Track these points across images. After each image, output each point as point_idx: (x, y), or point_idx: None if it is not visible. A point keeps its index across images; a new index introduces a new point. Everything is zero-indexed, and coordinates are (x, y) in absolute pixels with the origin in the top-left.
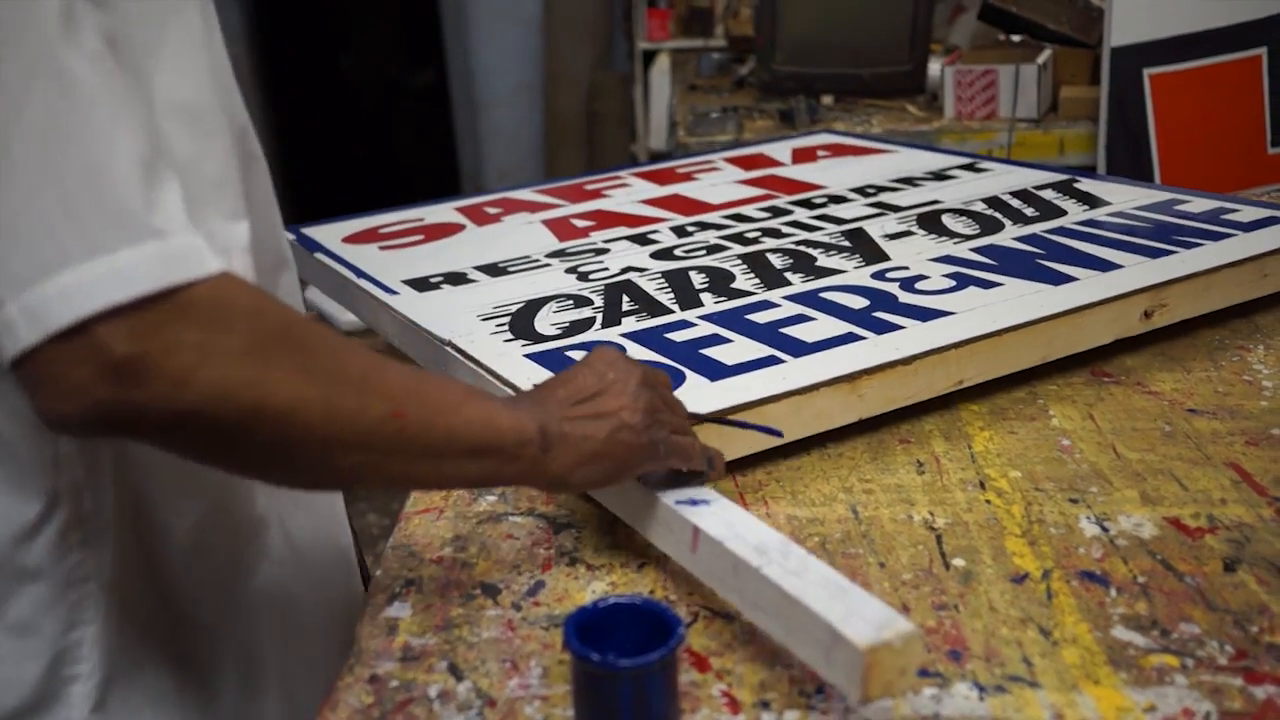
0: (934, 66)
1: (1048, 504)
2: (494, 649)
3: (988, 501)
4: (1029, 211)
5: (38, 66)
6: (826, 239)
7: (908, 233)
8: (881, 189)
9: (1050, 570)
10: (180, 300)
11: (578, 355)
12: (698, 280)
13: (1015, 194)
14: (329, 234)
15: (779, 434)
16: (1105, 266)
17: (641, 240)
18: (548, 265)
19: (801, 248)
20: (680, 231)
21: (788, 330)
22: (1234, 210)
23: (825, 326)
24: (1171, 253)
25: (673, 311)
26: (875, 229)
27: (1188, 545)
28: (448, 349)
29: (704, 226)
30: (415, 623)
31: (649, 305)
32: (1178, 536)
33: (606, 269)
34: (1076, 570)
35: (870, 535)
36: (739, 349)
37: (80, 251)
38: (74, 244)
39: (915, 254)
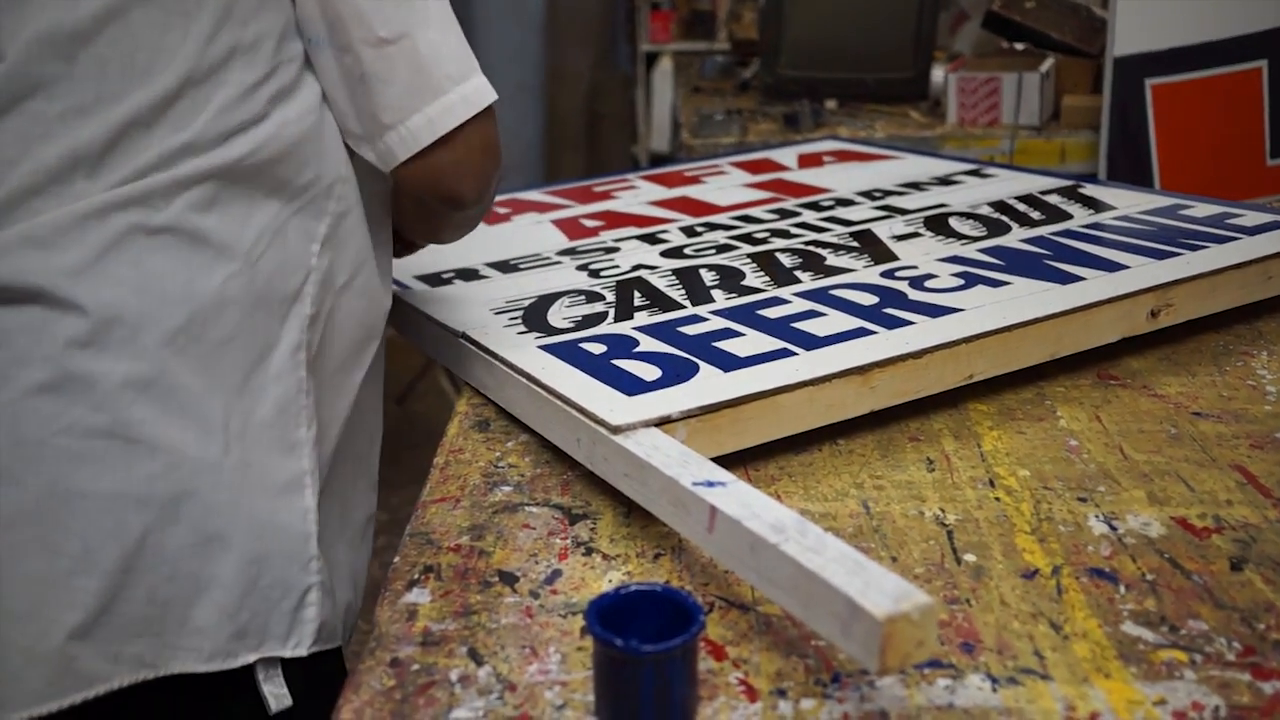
0: (937, 73)
1: (1056, 502)
2: (513, 635)
3: (997, 499)
4: (1035, 215)
5: None
6: (835, 239)
7: (915, 234)
8: (888, 193)
9: (1060, 567)
10: (494, 109)
11: (591, 347)
12: (708, 278)
13: (1020, 198)
14: None
15: None
16: (1112, 267)
17: (651, 240)
18: (559, 263)
19: (810, 248)
20: (689, 231)
21: (799, 325)
22: (1238, 215)
23: (836, 321)
24: (1177, 254)
25: (684, 307)
26: (883, 230)
27: (1195, 545)
28: (461, 340)
29: (713, 227)
30: (434, 609)
31: (660, 301)
32: (1185, 536)
33: (617, 266)
34: (1086, 567)
35: (882, 530)
36: (751, 342)
37: (473, 68)
38: (471, 61)
39: (923, 254)
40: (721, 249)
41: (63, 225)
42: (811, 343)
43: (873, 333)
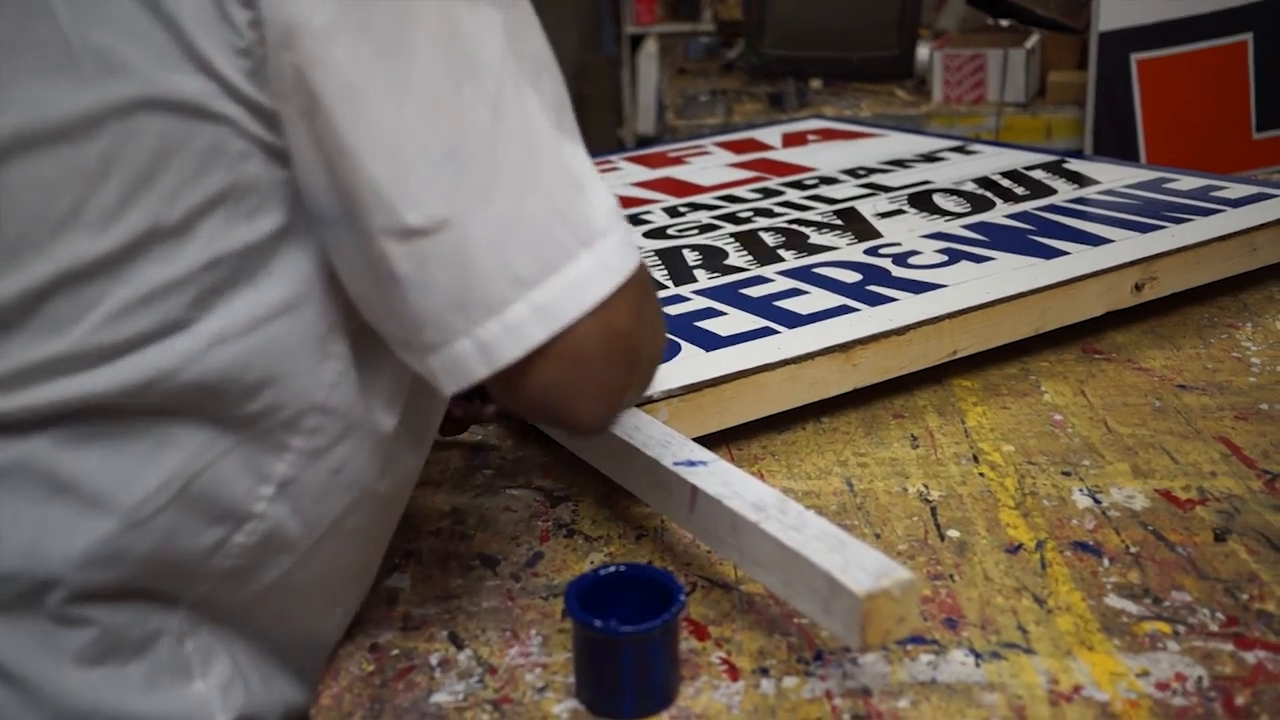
0: (922, 51)
1: (1040, 477)
2: (494, 618)
3: (981, 474)
4: (1019, 190)
5: (503, 72)
6: (818, 218)
7: (899, 211)
8: (872, 170)
9: (1044, 541)
10: (637, 279)
11: None
12: (691, 257)
13: (1005, 174)
14: None
15: None
16: (1096, 241)
17: (634, 220)
18: None
19: (794, 226)
20: (672, 212)
21: (781, 303)
22: (1222, 188)
23: (819, 299)
24: (1161, 228)
25: (666, 287)
26: (867, 208)
27: (1178, 516)
28: None
29: (696, 207)
30: (415, 593)
31: None
32: (1169, 508)
33: None
34: (1070, 541)
35: (865, 507)
36: (733, 321)
37: (573, 249)
38: (570, 241)
39: (907, 231)
40: (704, 229)
41: None
42: (794, 321)
43: (856, 310)
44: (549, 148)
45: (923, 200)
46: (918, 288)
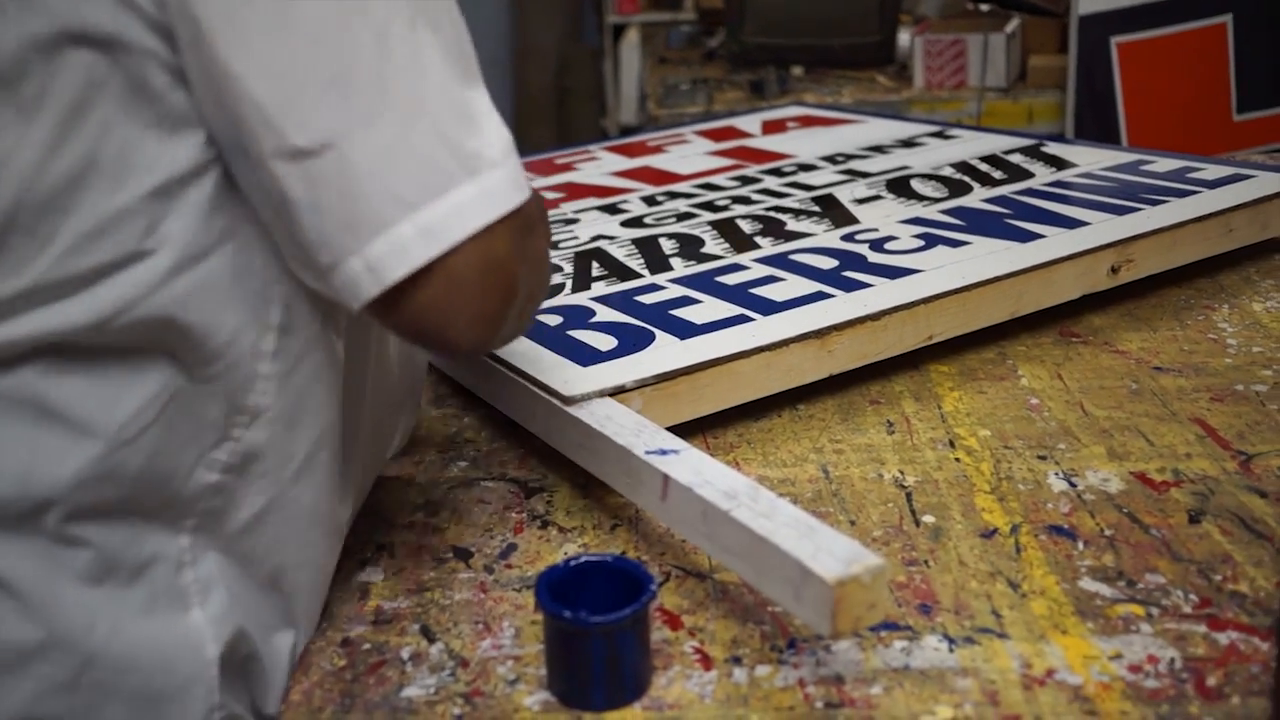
0: (903, 37)
1: (1016, 461)
2: (466, 611)
3: (957, 459)
4: (997, 175)
5: (393, 9)
6: (796, 205)
7: (877, 197)
8: (851, 156)
9: (1019, 525)
10: (522, 215)
11: (546, 319)
12: (667, 246)
13: (983, 159)
14: None
15: None
16: (1072, 224)
17: (611, 210)
18: None
19: (771, 213)
20: (650, 201)
21: (757, 290)
22: (1199, 169)
23: (794, 286)
24: (1137, 210)
25: (642, 276)
26: (845, 194)
27: (1153, 499)
28: None
29: (674, 196)
30: (387, 587)
31: (618, 270)
32: (1144, 490)
33: (576, 237)
34: (1044, 525)
35: (841, 494)
36: (709, 309)
37: (458, 176)
38: (453, 168)
39: (884, 216)
40: (682, 217)
41: None
42: (769, 308)
43: (831, 296)
44: (438, 82)
45: (900, 186)
46: (894, 273)
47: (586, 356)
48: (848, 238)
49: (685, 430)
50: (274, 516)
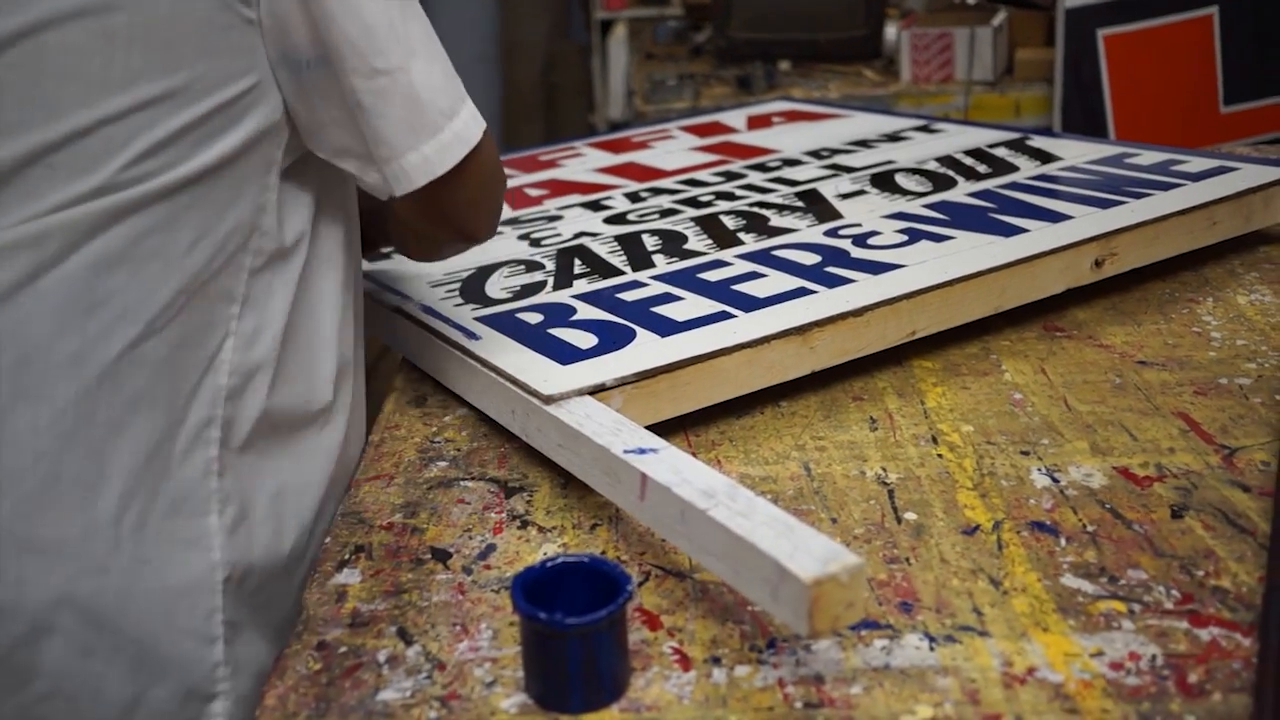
0: (890, 30)
1: (999, 457)
2: (444, 613)
3: (940, 456)
4: (982, 169)
5: None
6: (780, 200)
7: (861, 192)
8: (836, 151)
9: (1001, 521)
10: (487, 130)
11: (527, 317)
12: (650, 242)
13: (968, 152)
14: None
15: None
16: (1056, 218)
17: (595, 206)
18: (500, 233)
19: (755, 209)
20: (634, 197)
21: (739, 287)
22: (1183, 161)
23: (777, 282)
24: (1121, 203)
25: (624, 273)
26: (829, 189)
27: (1136, 494)
28: (396, 315)
29: (658, 192)
30: (364, 589)
31: (601, 267)
32: (1127, 486)
33: (559, 234)
34: (1027, 521)
35: (823, 492)
36: (690, 306)
37: (462, 99)
38: (459, 91)
39: (868, 211)
40: (665, 213)
41: None
42: (751, 304)
43: (813, 292)
44: (436, 39)
45: (885, 180)
46: (876, 268)
47: (566, 354)
48: (831, 233)
49: (667, 428)
50: (274, 418)
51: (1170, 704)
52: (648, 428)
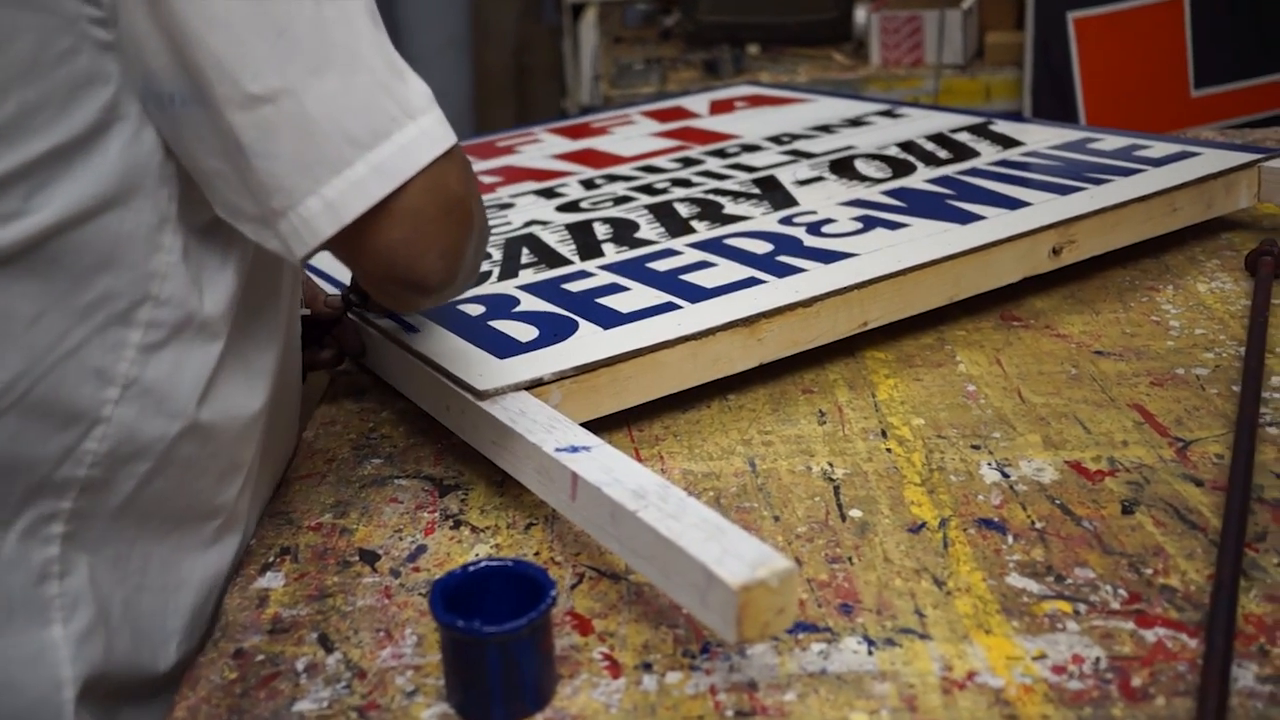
0: (860, 13)
1: (949, 451)
2: (368, 618)
3: (888, 450)
4: (942, 154)
5: None
6: (736, 187)
7: (819, 178)
8: (797, 137)
9: (948, 519)
10: (460, 152)
11: (468, 308)
12: (601, 231)
13: (930, 138)
14: None
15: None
16: (1014, 205)
17: (548, 194)
18: None
19: (710, 196)
20: (589, 184)
21: (687, 277)
22: (1146, 146)
23: (726, 272)
24: (1081, 189)
25: (572, 262)
26: (786, 175)
27: (1087, 489)
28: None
29: (613, 179)
30: (287, 593)
31: (548, 257)
32: (1078, 480)
33: (509, 223)
34: (974, 518)
35: (767, 488)
36: (636, 296)
37: (400, 119)
38: (395, 111)
39: (825, 198)
40: (619, 201)
41: None
42: (698, 295)
43: (763, 282)
44: (369, 35)
45: (843, 166)
46: (828, 257)
47: (505, 348)
48: (785, 220)
49: (610, 423)
50: (152, 498)
51: (1113, 709)
52: (589, 423)
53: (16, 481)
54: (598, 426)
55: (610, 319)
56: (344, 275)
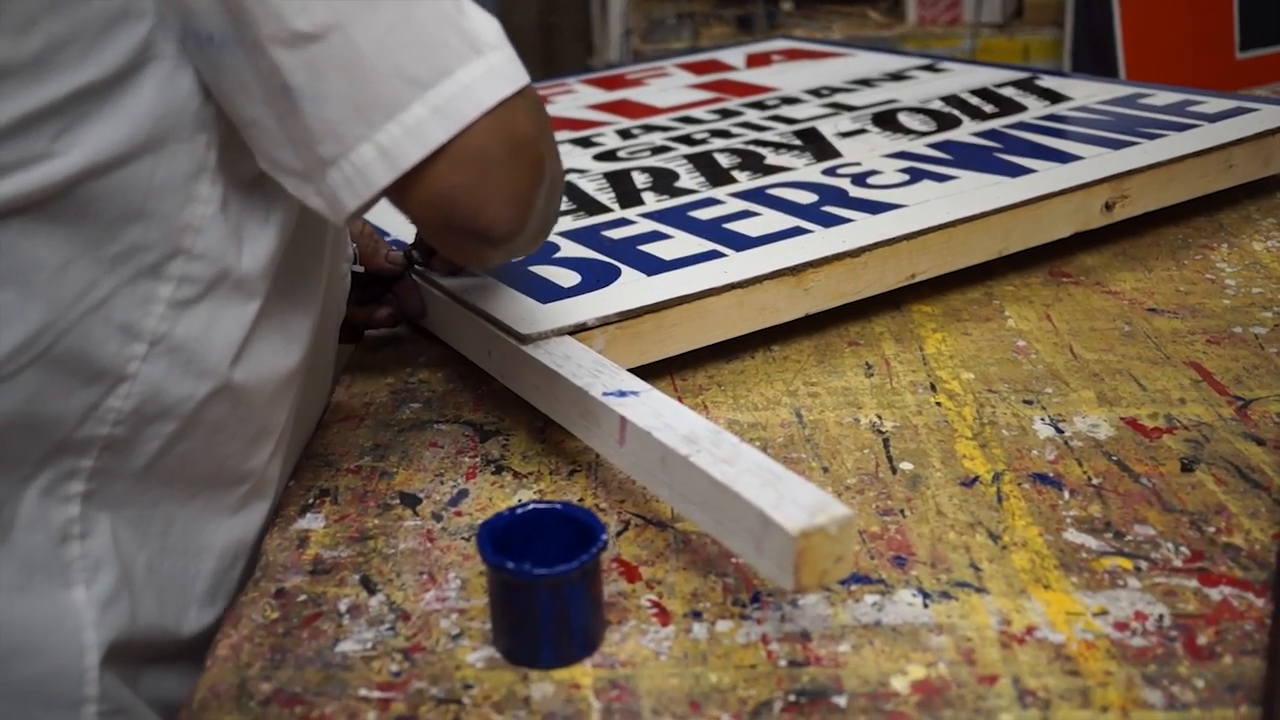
0: None
1: (1001, 406)
2: (410, 561)
3: (938, 404)
4: (988, 108)
5: None
6: (777, 138)
7: (862, 130)
8: (836, 90)
9: (1001, 473)
10: (533, 92)
11: None
12: (640, 180)
13: (975, 92)
14: None
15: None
16: (1065, 159)
17: (585, 143)
18: None
19: (751, 147)
20: (625, 134)
21: (731, 225)
22: (1200, 102)
23: (770, 221)
24: (1134, 144)
25: (612, 210)
26: (828, 128)
27: (1145, 446)
28: None
29: (650, 129)
30: (327, 535)
31: (587, 204)
32: (1134, 437)
33: None
34: (1029, 473)
35: (814, 439)
36: (679, 244)
37: (465, 54)
38: (460, 46)
39: (868, 150)
40: (657, 150)
41: None
42: (743, 243)
43: (809, 232)
44: None
45: (886, 119)
46: (875, 208)
47: (547, 293)
48: (829, 172)
49: (652, 371)
50: (177, 460)
51: (1178, 666)
52: (632, 371)
53: (38, 438)
54: (640, 374)
55: (653, 266)
56: (407, 234)
